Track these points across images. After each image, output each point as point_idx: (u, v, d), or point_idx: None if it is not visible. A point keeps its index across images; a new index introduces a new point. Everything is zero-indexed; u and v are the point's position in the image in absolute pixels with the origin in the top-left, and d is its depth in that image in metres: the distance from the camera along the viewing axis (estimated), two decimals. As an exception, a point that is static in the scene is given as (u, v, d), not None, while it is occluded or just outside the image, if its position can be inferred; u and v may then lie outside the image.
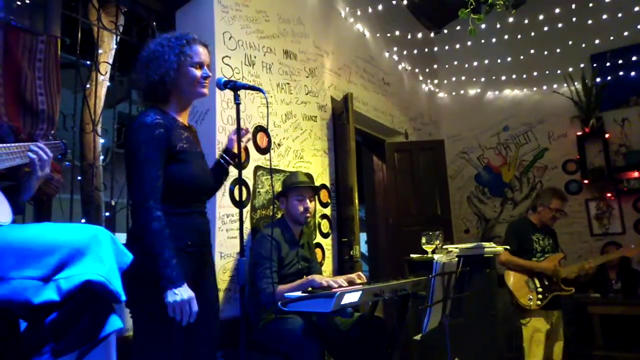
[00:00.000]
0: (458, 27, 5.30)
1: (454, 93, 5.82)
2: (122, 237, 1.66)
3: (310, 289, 2.04)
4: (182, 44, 1.67)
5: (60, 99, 2.12)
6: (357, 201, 3.41)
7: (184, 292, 1.45)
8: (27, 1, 2.28)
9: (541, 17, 4.91)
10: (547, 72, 5.21)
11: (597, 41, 4.93)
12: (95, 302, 1.08)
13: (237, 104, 1.69)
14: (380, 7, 4.48)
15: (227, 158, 1.93)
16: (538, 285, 3.27)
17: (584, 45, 4.99)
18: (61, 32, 2.34)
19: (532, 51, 5.18)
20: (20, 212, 1.29)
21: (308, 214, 2.59)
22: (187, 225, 1.64)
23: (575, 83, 5.00)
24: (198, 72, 1.69)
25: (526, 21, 4.97)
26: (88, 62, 2.95)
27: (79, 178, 2.73)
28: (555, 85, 5.21)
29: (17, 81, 1.98)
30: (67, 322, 1.06)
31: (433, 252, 2.78)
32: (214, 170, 1.90)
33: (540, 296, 3.23)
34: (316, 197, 2.93)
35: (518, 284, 3.27)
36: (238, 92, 1.72)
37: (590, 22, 4.85)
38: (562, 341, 3.35)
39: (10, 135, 1.86)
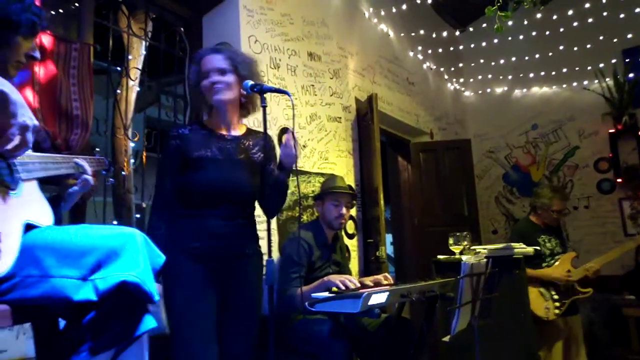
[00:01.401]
0: (484, 25, 5.21)
1: (480, 91, 5.73)
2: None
3: (334, 288, 2.05)
4: (194, 63, 1.85)
5: (93, 104, 2.19)
6: (382, 202, 3.40)
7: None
8: (61, 10, 2.36)
9: (570, 12, 4.80)
10: (577, 68, 5.08)
11: (629, 35, 4.79)
12: (130, 302, 1.11)
13: (264, 107, 1.71)
14: (404, 6, 4.45)
15: (272, 167, 1.88)
16: (553, 293, 3.10)
17: (615, 40, 4.84)
18: (93, 39, 2.41)
19: (561, 47, 5.06)
20: (58, 221, 1.35)
21: (342, 220, 2.58)
22: (196, 228, 1.72)
23: (607, 79, 4.87)
24: (206, 82, 1.80)
25: (555, 17, 4.86)
26: (118, 68, 3.03)
27: (111, 181, 2.81)
28: (585, 82, 5.08)
29: (53, 88, 2.06)
30: (103, 321, 1.09)
31: (461, 253, 2.74)
32: (267, 179, 1.87)
33: (557, 304, 3.07)
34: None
35: (532, 294, 3.03)
36: (264, 95, 1.74)
37: (622, 16, 4.71)
38: (584, 347, 3.19)
39: (47, 140, 1.93)
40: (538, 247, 3.14)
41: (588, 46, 4.94)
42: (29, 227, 1.16)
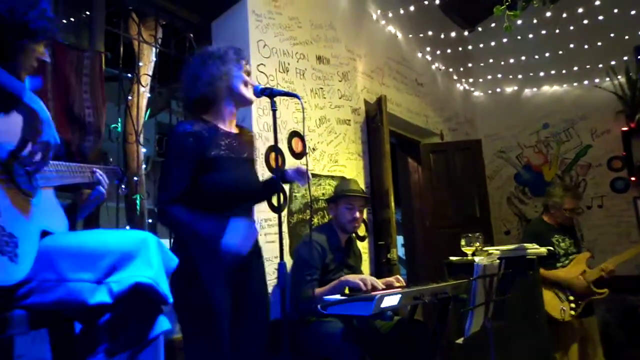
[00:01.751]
0: (493, 25, 5.18)
1: (489, 91, 5.70)
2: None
3: (347, 290, 2.05)
4: (239, 52, 1.80)
5: (105, 111, 2.22)
6: (393, 204, 3.39)
7: (234, 235, 1.56)
8: (72, 19, 2.40)
9: (580, 10, 4.76)
10: (587, 66, 5.03)
11: (641, 32, 4.74)
12: (144, 304, 1.13)
13: (274, 111, 1.71)
14: (412, 8, 4.45)
15: (275, 180, 1.90)
16: (569, 293, 3.07)
17: (627, 37, 4.78)
18: (104, 47, 2.45)
19: (571, 45, 5.01)
20: (72, 228, 1.37)
21: (356, 224, 2.57)
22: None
23: (619, 76, 4.81)
24: (248, 79, 1.79)
25: (564, 15, 4.82)
26: (129, 75, 3.07)
27: (125, 190, 2.84)
28: (597, 80, 5.02)
29: (66, 96, 2.09)
30: (119, 323, 1.11)
31: (473, 254, 2.73)
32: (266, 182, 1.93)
33: (573, 305, 3.03)
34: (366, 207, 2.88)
35: (547, 295, 2.99)
36: (274, 99, 1.75)
37: (633, 12, 4.66)
38: (601, 348, 3.14)
39: (61, 148, 1.96)
40: (551, 247, 3.11)
41: (599, 44, 4.89)
42: (44, 234, 1.18)
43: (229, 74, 1.74)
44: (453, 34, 5.01)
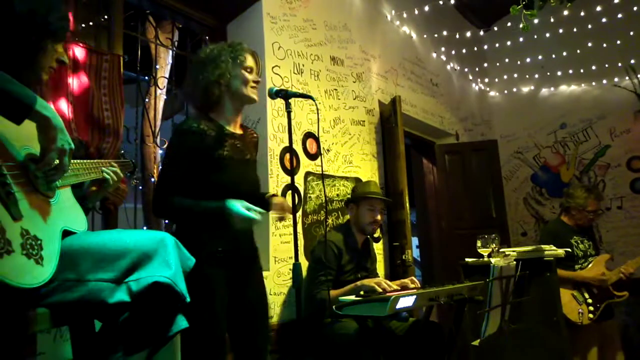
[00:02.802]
0: (509, 24, 5.13)
1: (506, 91, 5.64)
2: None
3: (362, 292, 2.05)
4: (237, 49, 1.78)
5: (124, 113, 2.26)
6: (407, 205, 3.38)
7: (234, 205, 1.58)
8: (91, 23, 2.44)
9: (599, 8, 4.68)
10: (606, 65, 4.94)
11: (662, 30, 4.64)
12: (162, 303, 1.14)
13: (289, 112, 1.72)
14: (426, 8, 4.43)
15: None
16: (587, 296, 3.00)
17: (647, 35, 4.70)
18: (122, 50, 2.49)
19: (589, 44, 4.93)
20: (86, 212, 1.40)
21: (376, 226, 2.58)
22: (220, 231, 1.66)
23: (639, 75, 4.72)
24: (250, 76, 1.77)
25: (582, 13, 4.74)
26: (146, 77, 3.11)
27: (141, 188, 2.88)
28: (616, 79, 4.94)
29: (85, 98, 2.13)
30: (137, 322, 1.13)
31: (489, 255, 2.70)
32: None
33: (591, 308, 2.97)
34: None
35: (565, 298, 2.92)
36: (289, 101, 1.76)
37: (654, 10, 4.57)
38: (621, 353, 3.07)
39: (81, 149, 2.01)
40: (569, 249, 3.06)
41: (618, 42, 4.80)
42: (65, 233, 1.20)
43: (225, 76, 1.73)
44: (468, 34, 4.96)
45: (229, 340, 1.73)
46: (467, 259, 2.84)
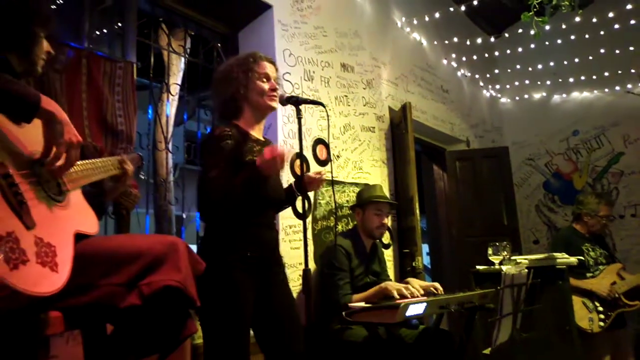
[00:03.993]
0: (520, 30, 5.11)
1: (517, 98, 5.61)
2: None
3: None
4: (248, 61, 1.79)
5: (137, 119, 2.29)
6: (418, 211, 3.36)
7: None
8: (105, 31, 2.49)
9: (611, 14, 4.64)
10: (619, 71, 4.89)
11: (676, 36, 4.59)
12: (173, 308, 1.15)
13: (299, 119, 1.73)
14: (437, 14, 4.43)
15: (294, 188, 1.89)
16: (598, 304, 2.97)
17: (660, 41, 4.65)
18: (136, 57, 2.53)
19: (602, 51, 4.89)
20: (101, 213, 1.41)
21: (383, 230, 2.58)
22: (250, 237, 1.68)
23: (653, 82, 4.67)
24: (265, 85, 1.78)
25: (594, 20, 4.71)
26: (159, 84, 3.15)
27: (143, 173, 2.89)
28: (629, 86, 4.89)
29: (99, 105, 2.17)
30: (148, 326, 1.13)
31: (500, 263, 2.68)
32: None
33: (602, 316, 2.93)
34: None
35: (575, 305, 2.88)
36: (299, 107, 1.77)
37: (667, 16, 4.53)
38: None
39: (95, 154, 2.03)
40: (581, 257, 3.03)
41: (631, 48, 4.76)
42: (78, 236, 1.21)
43: (240, 91, 1.75)
44: (479, 40, 4.95)
45: (259, 346, 1.73)
46: (478, 267, 2.82)
